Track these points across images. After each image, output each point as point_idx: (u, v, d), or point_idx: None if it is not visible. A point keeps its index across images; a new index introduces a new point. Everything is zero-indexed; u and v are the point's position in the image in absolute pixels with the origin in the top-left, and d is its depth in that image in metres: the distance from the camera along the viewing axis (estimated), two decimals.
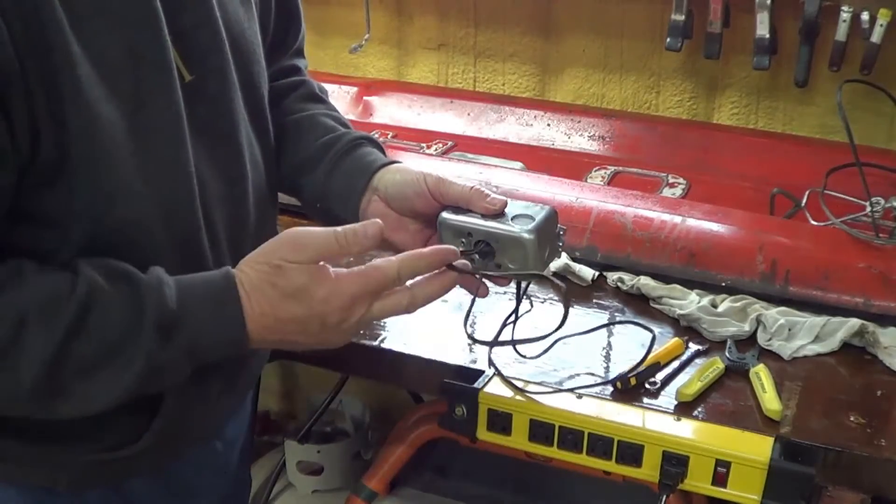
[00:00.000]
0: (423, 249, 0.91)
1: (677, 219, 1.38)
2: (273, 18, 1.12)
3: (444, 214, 0.98)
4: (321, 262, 0.88)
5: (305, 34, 1.24)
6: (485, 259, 0.96)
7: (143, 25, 0.84)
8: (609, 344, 1.22)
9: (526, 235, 0.94)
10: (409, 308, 0.91)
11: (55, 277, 0.82)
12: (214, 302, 0.86)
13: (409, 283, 0.91)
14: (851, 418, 1.07)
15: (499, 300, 1.30)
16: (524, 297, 1.14)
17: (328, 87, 1.94)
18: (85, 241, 0.85)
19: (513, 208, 0.97)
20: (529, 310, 1.27)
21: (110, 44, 0.82)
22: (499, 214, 0.96)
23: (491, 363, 1.13)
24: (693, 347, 1.20)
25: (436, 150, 1.75)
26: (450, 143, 1.78)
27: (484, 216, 0.96)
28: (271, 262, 0.87)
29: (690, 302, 1.28)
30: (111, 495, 1.01)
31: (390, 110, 1.92)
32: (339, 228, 0.88)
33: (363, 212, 1.05)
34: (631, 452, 1.05)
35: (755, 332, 1.23)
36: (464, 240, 0.97)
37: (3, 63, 0.75)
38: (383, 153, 1.11)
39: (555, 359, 1.17)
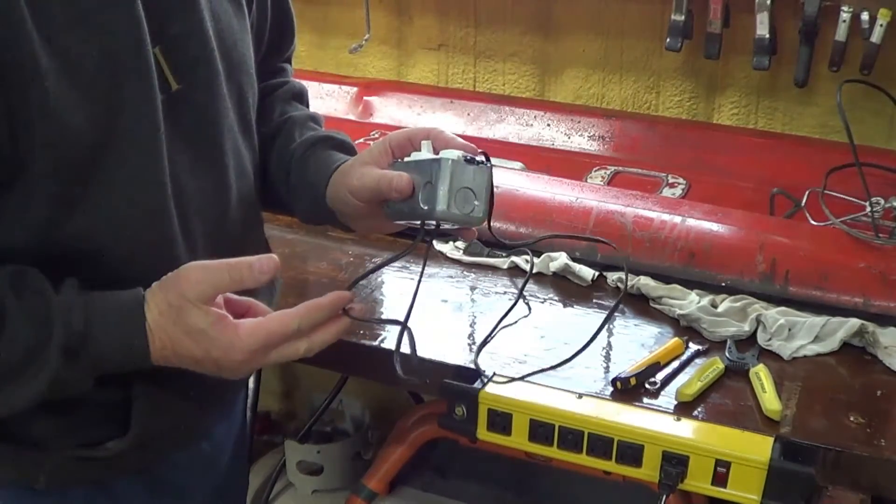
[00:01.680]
0: (321, 299, 0.93)
1: (677, 219, 1.38)
2: (268, 30, 1.13)
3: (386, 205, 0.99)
4: (222, 308, 0.89)
5: (296, 46, 1.24)
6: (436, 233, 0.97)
7: (122, 34, 0.84)
8: (609, 344, 1.22)
9: (438, 209, 0.93)
10: (306, 354, 0.93)
11: None
12: (121, 331, 0.87)
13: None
14: (851, 418, 1.07)
15: (499, 300, 1.30)
16: (521, 297, 1.14)
17: (328, 87, 1.96)
18: (46, 246, 0.85)
19: (421, 173, 0.95)
20: (527, 314, 1.28)
21: (86, 53, 0.82)
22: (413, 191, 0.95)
23: (478, 370, 1.13)
24: (693, 347, 1.20)
25: None
26: None
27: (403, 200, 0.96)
28: (171, 302, 0.87)
29: (690, 302, 1.28)
30: (96, 494, 1.01)
31: (390, 110, 1.92)
32: (232, 262, 0.89)
33: (342, 217, 1.07)
34: (631, 452, 1.05)
35: (755, 332, 1.23)
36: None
37: None
38: (340, 147, 1.11)
39: (555, 359, 1.17)
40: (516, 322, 1.25)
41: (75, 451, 0.96)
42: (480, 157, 0.96)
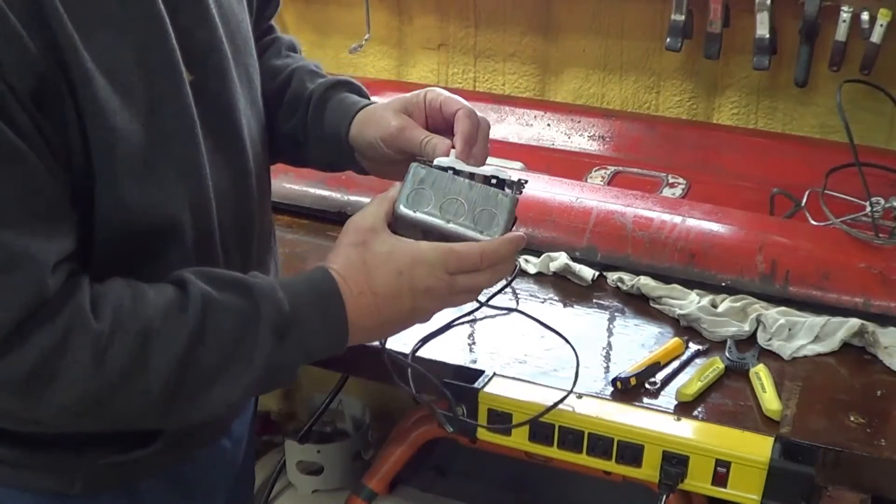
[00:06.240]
0: (500, 239, 0.94)
1: (677, 219, 1.38)
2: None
3: (401, 209, 0.95)
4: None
5: (280, 7, 1.24)
6: None
7: (149, 30, 0.84)
8: (609, 344, 1.22)
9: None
10: (488, 284, 0.95)
11: (168, 291, 0.84)
12: (320, 300, 0.89)
13: None
14: (851, 418, 1.07)
15: (499, 300, 1.30)
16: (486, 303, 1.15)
17: None
18: (107, 251, 0.85)
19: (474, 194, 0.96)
20: (515, 308, 1.28)
21: (120, 53, 0.82)
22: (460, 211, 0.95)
23: (409, 383, 1.12)
24: (693, 347, 1.20)
25: None
26: None
27: (444, 213, 0.95)
28: (354, 242, 0.91)
29: (690, 302, 1.28)
30: (121, 496, 1.01)
31: None
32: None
33: (362, 158, 1.08)
34: (631, 452, 1.05)
35: (755, 332, 1.23)
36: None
37: (46, 76, 0.75)
38: (357, 92, 1.11)
39: (555, 359, 1.17)
40: (502, 318, 1.26)
41: (113, 455, 0.95)
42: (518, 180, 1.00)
